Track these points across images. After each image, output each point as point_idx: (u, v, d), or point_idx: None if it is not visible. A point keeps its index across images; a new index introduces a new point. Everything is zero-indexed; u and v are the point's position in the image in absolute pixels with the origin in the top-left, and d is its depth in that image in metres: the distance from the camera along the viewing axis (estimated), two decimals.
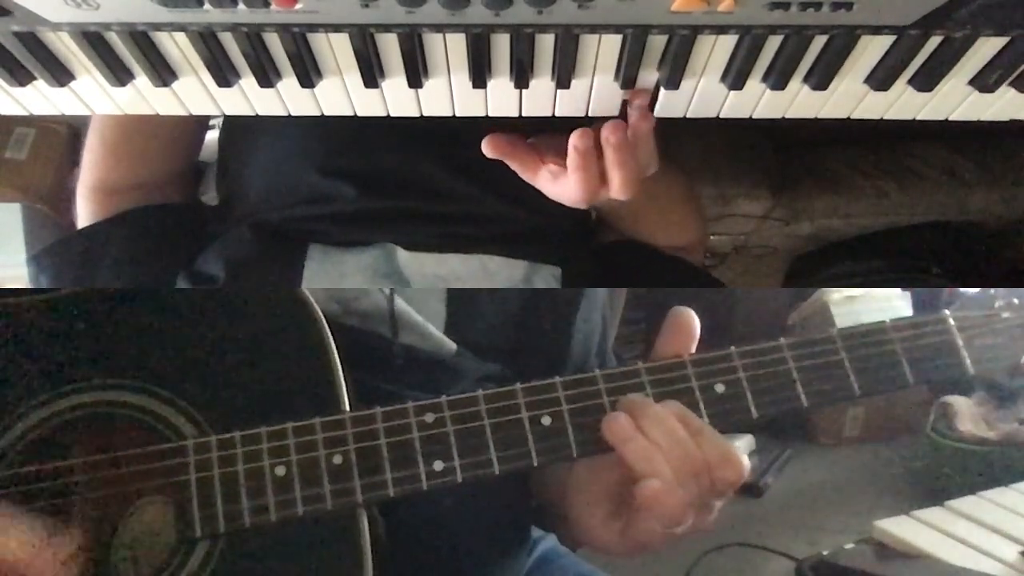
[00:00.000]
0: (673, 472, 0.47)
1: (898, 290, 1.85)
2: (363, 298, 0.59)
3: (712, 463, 0.48)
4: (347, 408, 0.48)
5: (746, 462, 0.49)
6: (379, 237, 0.68)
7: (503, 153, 0.60)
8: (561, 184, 0.61)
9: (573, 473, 0.54)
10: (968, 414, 1.82)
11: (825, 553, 1.08)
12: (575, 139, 0.56)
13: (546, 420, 0.49)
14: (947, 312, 0.55)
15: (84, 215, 0.75)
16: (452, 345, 0.62)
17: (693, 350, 0.52)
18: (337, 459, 0.47)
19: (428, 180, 0.70)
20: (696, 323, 0.53)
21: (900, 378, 0.53)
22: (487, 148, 0.60)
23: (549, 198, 0.63)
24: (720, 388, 0.51)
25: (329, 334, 0.50)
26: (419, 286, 0.66)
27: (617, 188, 0.58)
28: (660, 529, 0.48)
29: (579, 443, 0.49)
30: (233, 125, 0.78)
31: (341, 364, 0.49)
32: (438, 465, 0.47)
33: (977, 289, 0.60)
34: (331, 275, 0.66)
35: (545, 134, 0.61)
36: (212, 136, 0.82)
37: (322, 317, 0.50)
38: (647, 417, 0.48)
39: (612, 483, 0.51)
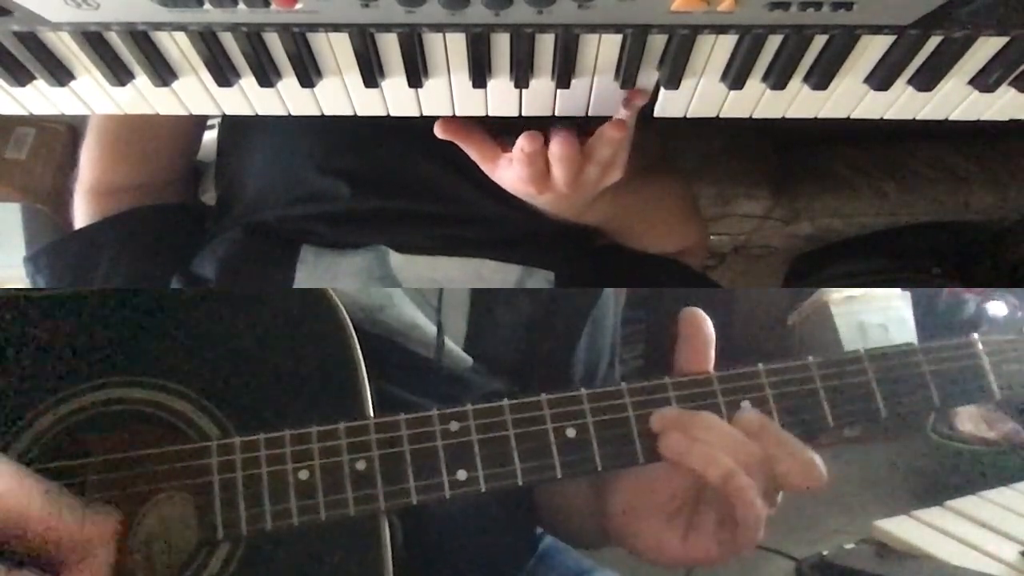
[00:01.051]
0: (739, 466, 0.47)
1: (898, 290, 1.85)
2: (388, 308, 0.59)
3: (791, 469, 0.48)
4: (371, 414, 0.48)
5: (823, 469, 0.49)
6: (373, 238, 0.67)
7: (455, 134, 0.60)
8: (511, 171, 0.61)
9: (615, 503, 0.53)
10: (968, 414, 1.82)
11: (825, 553, 1.08)
12: (523, 141, 0.57)
13: (571, 432, 0.49)
14: (976, 336, 0.55)
15: (81, 216, 0.75)
16: (468, 360, 0.62)
17: (712, 353, 0.52)
18: (361, 465, 0.46)
19: (424, 181, 0.70)
20: (709, 324, 0.52)
21: (927, 401, 0.53)
22: (439, 130, 0.59)
23: None
24: (747, 405, 0.51)
25: (355, 339, 0.49)
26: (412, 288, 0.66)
27: (560, 184, 0.59)
28: (759, 530, 0.48)
29: (603, 456, 0.49)
30: (232, 123, 0.78)
31: (367, 370, 0.49)
32: (462, 474, 0.47)
33: (1006, 310, 0.61)
34: (323, 278, 0.66)
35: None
36: (211, 136, 0.82)
37: (349, 322, 0.50)
38: (694, 426, 0.49)
39: (671, 498, 0.51)
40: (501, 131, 0.62)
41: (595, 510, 0.56)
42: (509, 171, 0.61)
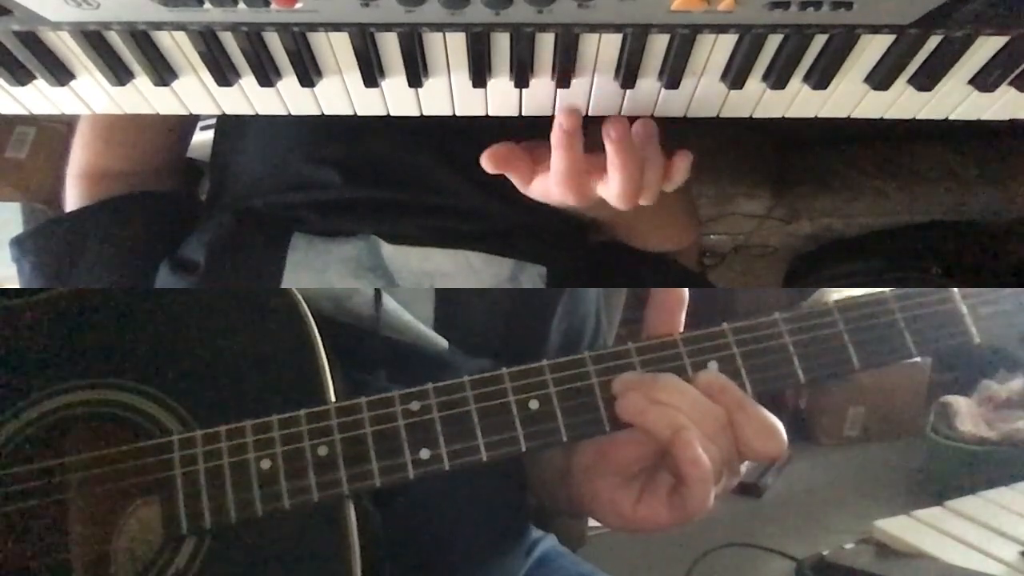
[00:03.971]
0: (699, 429, 0.47)
1: None
2: (355, 297, 0.59)
3: (749, 433, 0.47)
4: (333, 400, 0.48)
5: (783, 437, 0.48)
6: (363, 226, 0.67)
7: (504, 165, 0.58)
8: (547, 179, 0.59)
9: (578, 462, 0.53)
10: (968, 414, 1.82)
11: (825, 553, 1.08)
12: (561, 116, 0.55)
13: (534, 404, 0.48)
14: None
15: (71, 200, 0.74)
16: (443, 342, 0.61)
17: (683, 316, 0.51)
18: (322, 450, 0.47)
19: (415, 171, 0.70)
20: (684, 290, 0.52)
21: (902, 349, 0.51)
22: (487, 163, 0.58)
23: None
24: (714, 366, 0.50)
25: (316, 330, 0.50)
26: (404, 281, 0.65)
27: (614, 194, 0.56)
28: (706, 490, 0.47)
29: (568, 427, 0.48)
30: (228, 116, 0.78)
31: (329, 360, 0.49)
32: (424, 453, 0.47)
33: None
34: (314, 265, 0.65)
35: (536, 141, 0.60)
36: (209, 137, 0.81)
37: (309, 314, 0.50)
38: (654, 387, 0.48)
39: (632, 462, 0.50)
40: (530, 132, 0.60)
41: (563, 471, 0.55)
42: (543, 182, 0.59)
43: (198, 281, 0.65)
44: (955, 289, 0.53)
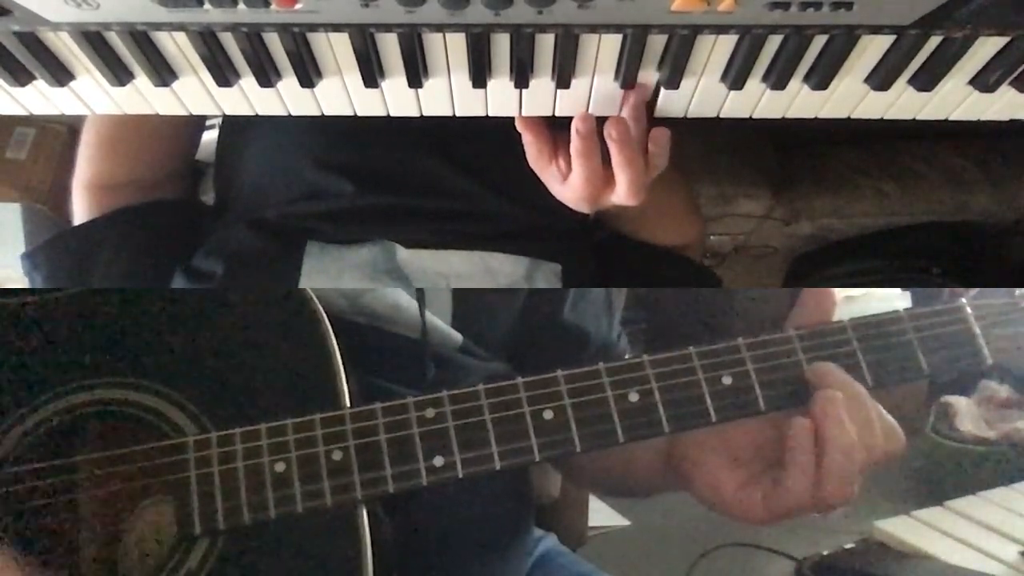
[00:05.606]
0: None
1: (898, 290, 1.85)
2: (369, 294, 0.59)
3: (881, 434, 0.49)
4: (348, 405, 0.48)
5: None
6: (377, 234, 0.67)
7: (529, 127, 0.60)
8: (566, 183, 0.61)
9: (689, 443, 0.53)
10: (968, 414, 1.82)
11: (825, 553, 1.08)
12: (577, 122, 0.56)
13: (548, 414, 0.49)
14: (964, 300, 0.53)
15: (80, 212, 0.74)
16: (458, 337, 0.61)
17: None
18: (337, 455, 0.47)
19: (426, 176, 0.70)
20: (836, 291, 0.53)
21: (915, 369, 0.52)
22: (520, 120, 0.59)
23: (548, 196, 0.63)
24: (727, 380, 0.50)
25: (331, 332, 0.50)
26: (420, 284, 0.65)
27: (623, 191, 0.58)
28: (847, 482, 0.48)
29: (582, 437, 0.49)
30: (232, 120, 0.78)
31: (344, 362, 0.50)
32: (438, 461, 0.47)
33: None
34: (329, 272, 0.65)
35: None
36: (212, 136, 0.81)
37: (324, 315, 0.50)
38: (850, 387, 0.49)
39: (748, 446, 0.51)
40: None
41: (662, 445, 0.56)
42: (563, 184, 0.61)
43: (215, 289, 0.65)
44: (968, 308, 0.53)
